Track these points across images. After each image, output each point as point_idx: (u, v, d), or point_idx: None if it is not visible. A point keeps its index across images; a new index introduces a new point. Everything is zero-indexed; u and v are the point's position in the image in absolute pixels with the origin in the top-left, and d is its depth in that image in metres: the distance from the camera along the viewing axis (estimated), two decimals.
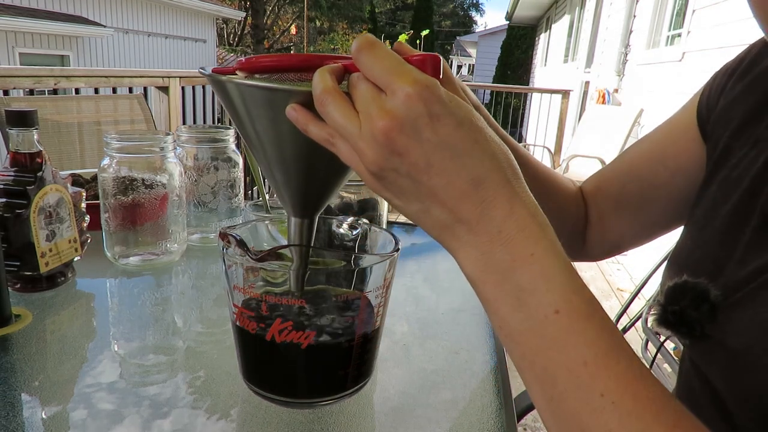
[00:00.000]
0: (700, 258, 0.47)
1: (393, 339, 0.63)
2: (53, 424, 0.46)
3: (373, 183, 0.36)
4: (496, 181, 0.33)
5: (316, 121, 0.35)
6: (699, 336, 0.44)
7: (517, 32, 17.04)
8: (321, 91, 0.34)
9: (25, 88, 2.67)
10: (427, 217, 0.35)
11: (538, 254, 0.33)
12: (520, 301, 0.33)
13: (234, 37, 21.31)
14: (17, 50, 8.36)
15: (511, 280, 0.33)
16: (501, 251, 0.33)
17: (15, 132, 0.65)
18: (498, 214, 0.33)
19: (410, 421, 0.50)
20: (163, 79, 3.27)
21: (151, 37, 11.00)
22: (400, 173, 0.34)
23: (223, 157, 0.87)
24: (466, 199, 0.33)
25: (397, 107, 0.32)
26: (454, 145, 0.33)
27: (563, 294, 0.33)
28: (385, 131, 0.32)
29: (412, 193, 0.34)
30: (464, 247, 0.35)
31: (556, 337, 0.32)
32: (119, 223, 0.76)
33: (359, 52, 0.34)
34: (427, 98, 0.32)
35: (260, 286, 0.47)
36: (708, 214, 0.48)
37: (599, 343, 0.32)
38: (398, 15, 30.67)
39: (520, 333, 0.33)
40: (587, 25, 6.74)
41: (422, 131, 0.32)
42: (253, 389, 0.49)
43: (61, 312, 0.66)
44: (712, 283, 0.43)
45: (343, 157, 0.36)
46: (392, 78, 0.32)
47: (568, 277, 0.33)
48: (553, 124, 6.67)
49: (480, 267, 0.34)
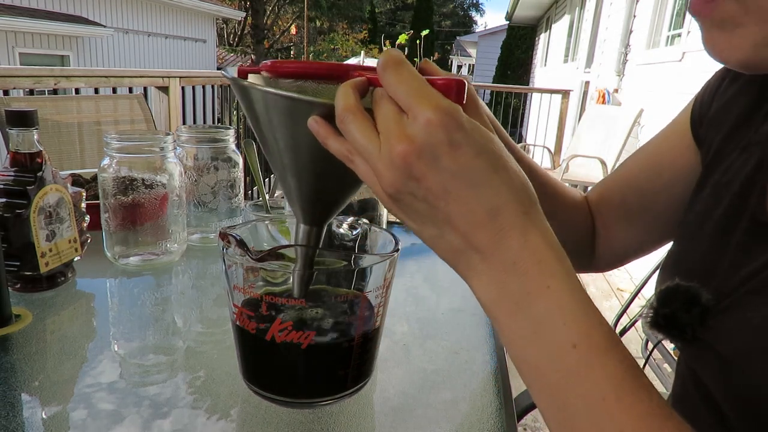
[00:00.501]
0: (693, 262, 0.47)
1: (393, 339, 0.63)
2: (53, 424, 0.46)
3: (389, 204, 0.36)
4: (513, 212, 0.33)
5: (336, 136, 0.35)
6: (690, 339, 0.44)
7: (517, 32, 17.04)
8: (343, 108, 0.34)
9: (25, 88, 2.67)
10: (441, 242, 0.35)
11: (554, 287, 0.33)
12: (536, 334, 0.33)
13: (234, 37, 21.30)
14: (17, 50, 8.36)
15: (526, 312, 0.33)
16: (516, 283, 0.33)
17: (15, 132, 0.65)
18: (513, 244, 0.33)
19: (410, 421, 0.50)
20: (163, 79, 3.27)
21: (151, 37, 11.00)
22: (416, 197, 0.34)
23: (223, 157, 0.87)
24: (482, 227, 0.33)
25: (417, 133, 0.32)
26: (472, 174, 0.32)
27: (580, 328, 0.32)
28: (404, 156, 0.32)
29: (427, 218, 0.34)
30: (478, 276, 0.34)
31: (574, 371, 0.32)
32: (119, 223, 0.76)
33: (384, 69, 0.34)
34: (448, 125, 0.32)
35: (260, 286, 0.47)
36: (700, 218, 0.48)
37: (618, 378, 0.32)
38: (398, 15, 30.68)
39: (537, 365, 0.33)
40: (587, 25, 6.74)
41: (441, 158, 0.32)
42: (253, 389, 0.49)
43: (61, 312, 0.66)
44: (705, 286, 0.43)
45: (360, 174, 0.35)
46: (415, 101, 0.32)
47: (585, 311, 0.33)
48: (553, 124, 6.67)
49: (494, 297, 0.34)
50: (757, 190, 0.43)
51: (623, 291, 3.23)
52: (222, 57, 15.87)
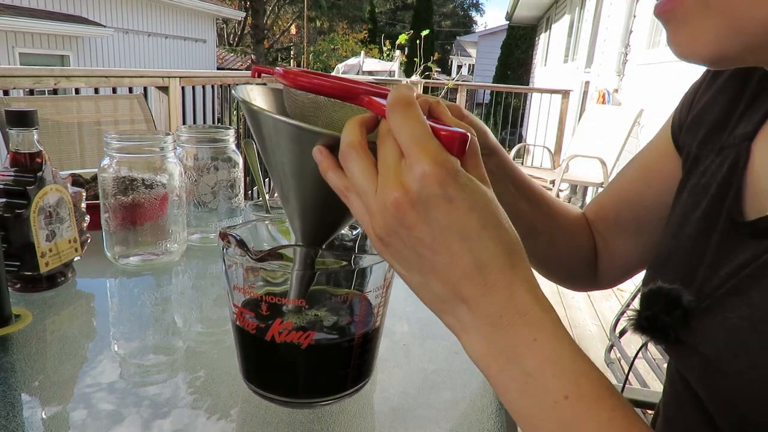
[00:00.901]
0: (674, 264, 0.47)
1: (393, 339, 0.63)
2: (53, 424, 0.46)
3: (378, 245, 0.36)
4: (500, 267, 0.34)
5: (336, 170, 0.36)
6: (673, 341, 0.44)
7: (517, 32, 17.05)
8: (347, 144, 0.35)
9: (25, 88, 2.67)
10: (427, 291, 0.35)
11: (541, 339, 0.33)
12: (527, 386, 0.33)
13: (234, 37, 21.30)
14: (17, 50, 8.36)
15: (516, 366, 0.33)
16: (503, 336, 0.33)
17: (15, 132, 0.65)
18: (499, 298, 0.34)
19: (410, 421, 0.50)
20: (163, 79, 3.27)
21: (151, 37, 11.00)
22: (405, 244, 0.34)
23: (223, 157, 0.87)
24: (469, 280, 0.33)
25: (412, 183, 0.32)
26: (463, 228, 0.33)
27: (571, 378, 0.33)
28: (397, 204, 0.33)
29: (414, 265, 0.35)
30: (466, 329, 0.35)
31: (569, 422, 0.32)
32: (119, 223, 0.76)
33: (392, 109, 0.34)
34: (444, 180, 0.32)
35: (260, 286, 0.47)
36: (680, 221, 0.49)
37: (612, 427, 0.32)
38: (398, 15, 30.68)
39: (532, 417, 0.33)
40: (587, 25, 6.74)
41: (432, 210, 0.33)
42: (253, 389, 0.49)
43: (61, 312, 0.66)
44: (687, 288, 0.44)
45: (354, 212, 0.36)
46: (415, 150, 0.32)
47: (574, 360, 0.33)
48: (553, 124, 6.67)
49: (483, 351, 0.34)
50: (732, 192, 0.44)
51: (623, 291, 3.23)
52: (222, 57, 15.87)
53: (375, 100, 0.37)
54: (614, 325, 1.81)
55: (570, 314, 2.88)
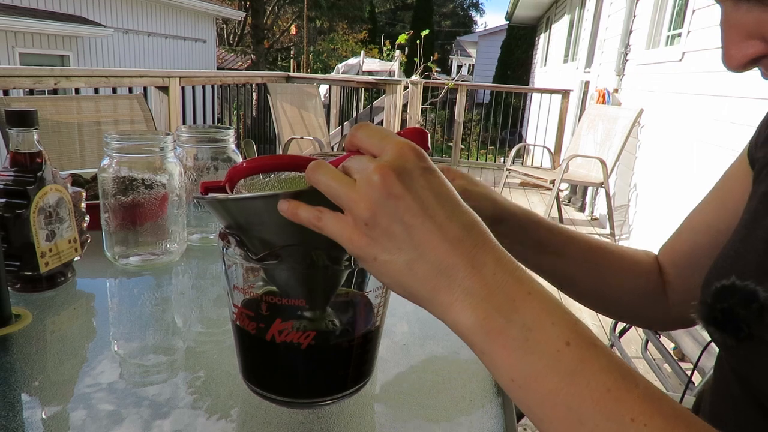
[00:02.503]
0: (746, 264, 0.48)
1: (393, 339, 0.63)
2: (53, 424, 0.46)
3: (361, 238, 0.36)
4: (482, 229, 0.36)
5: (304, 205, 0.38)
6: (746, 336, 0.44)
7: (517, 32, 17.04)
8: (312, 164, 0.37)
9: (25, 88, 2.67)
10: (419, 267, 0.35)
11: (534, 292, 0.34)
12: (529, 342, 0.33)
13: (234, 37, 21.29)
14: (17, 50, 8.36)
15: (515, 322, 0.34)
16: (499, 293, 0.34)
17: (15, 132, 0.65)
18: (489, 258, 0.35)
19: (410, 421, 0.50)
20: (163, 79, 3.27)
21: (151, 37, 11.00)
22: (394, 217, 0.35)
23: (223, 157, 0.87)
24: (460, 243, 0.35)
25: (392, 158, 0.35)
26: (445, 194, 0.36)
27: (568, 325, 0.34)
28: (383, 175, 0.35)
29: (404, 241, 0.35)
30: (461, 298, 0.35)
31: (573, 369, 0.32)
32: (119, 223, 0.76)
33: (355, 132, 0.38)
34: (419, 154, 0.36)
35: (260, 286, 0.47)
36: (749, 225, 0.49)
37: (613, 367, 0.32)
38: (398, 15, 30.67)
39: (536, 376, 0.33)
40: (587, 25, 6.74)
41: (416, 179, 0.35)
42: (253, 389, 0.49)
43: (61, 312, 0.66)
44: (760, 286, 0.44)
45: (330, 228, 0.37)
46: (385, 141, 0.36)
47: (565, 310, 0.34)
48: (553, 124, 6.67)
49: (482, 314, 0.34)
50: None
51: None
52: (222, 57, 15.87)
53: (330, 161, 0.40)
54: (614, 325, 1.81)
55: None
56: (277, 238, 0.41)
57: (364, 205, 0.35)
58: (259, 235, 0.42)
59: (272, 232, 0.41)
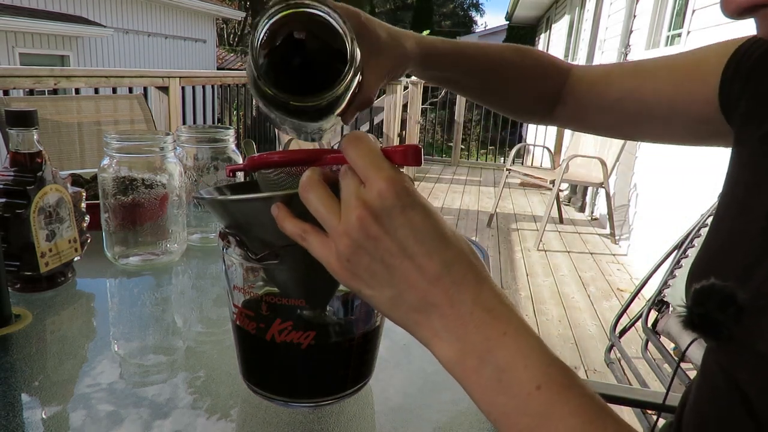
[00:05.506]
0: (728, 262, 0.47)
1: (393, 339, 0.63)
2: (53, 424, 0.46)
3: (344, 272, 0.37)
4: (464, 265, 0.36)
5: (291, 218, 0.39)
6: (726, 339, 0.44)
7: (517, 32, 17.03)
8: (305, 180, 0.38)
9: (25, 88, 2.67)
10: (399, 304, 0.37)
11: (511, 333, 0.35)
12: (501, 383, 0.34)
13: (234, 37, 21.30)
14: (17, 50, 8.36)
15: (489, 362, 0.35)
16: (475, 333, 0.35)
17: (15, 132, 0.65)
18: (468, 297, 0.35)
19: (410, 421, 0.50)
20: (163, 79, 3.27)
21: (151, 37, 11.00)
22: (373, 257, 0.36)
23: (223, 157, 0.87)
24: (438, 281, 0.35)
25: (373, 201, 0.35)
26: (424, 231, 0.36)
27: (541, 368, 0.34)
28: (361, 218, 0.35)
29: (384, 279, 0.36)
30: (439, 334, 0.36)
31: (543, 412, 0.34)
32: (119, 223, 0.76)
33: (346, 146, 0.38)
34: (398, 193, 0.35)
35: (260, 286, 0.47)
36: (734, 216, 0.49)
37: (584, 410, 0.33)
38: (398, 15, 30.67)
39: (508, 415, 0.35)
40: (587, 25, 6.74)
41: (394, 220, 0.35)
42: (253, 389, 0.49)
43: (61, 312, 0.66)
44: (742, 287, 0.43)
45: (314, 250, 0.38)
46: (371, 173, 0.36)
47: (542, 352, 0.35)
48: None
49: (457, 353, 0.36)
50: None
51: (623, 291, 3.23)
52: (222, 57, 15.86)
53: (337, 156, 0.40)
54: (614, 325, 1.81)
55: (570, 314, 2.88)
56: (276, 239, 0.41)
57: (346, 242, 0.36)
58: (258, 235, 0.43)
59: (272, 232, 0.41)
